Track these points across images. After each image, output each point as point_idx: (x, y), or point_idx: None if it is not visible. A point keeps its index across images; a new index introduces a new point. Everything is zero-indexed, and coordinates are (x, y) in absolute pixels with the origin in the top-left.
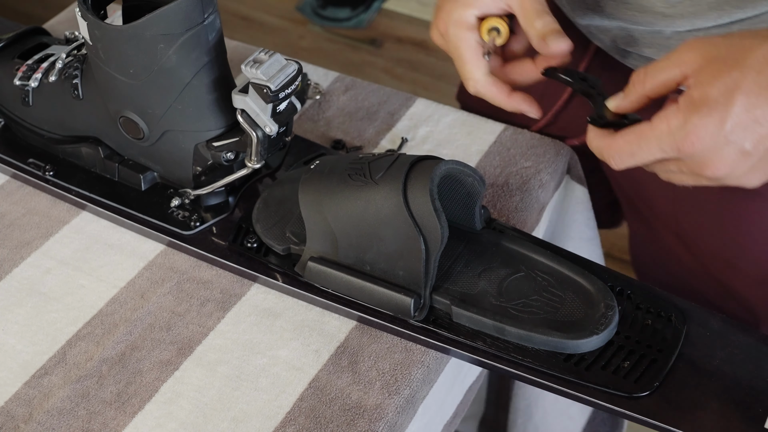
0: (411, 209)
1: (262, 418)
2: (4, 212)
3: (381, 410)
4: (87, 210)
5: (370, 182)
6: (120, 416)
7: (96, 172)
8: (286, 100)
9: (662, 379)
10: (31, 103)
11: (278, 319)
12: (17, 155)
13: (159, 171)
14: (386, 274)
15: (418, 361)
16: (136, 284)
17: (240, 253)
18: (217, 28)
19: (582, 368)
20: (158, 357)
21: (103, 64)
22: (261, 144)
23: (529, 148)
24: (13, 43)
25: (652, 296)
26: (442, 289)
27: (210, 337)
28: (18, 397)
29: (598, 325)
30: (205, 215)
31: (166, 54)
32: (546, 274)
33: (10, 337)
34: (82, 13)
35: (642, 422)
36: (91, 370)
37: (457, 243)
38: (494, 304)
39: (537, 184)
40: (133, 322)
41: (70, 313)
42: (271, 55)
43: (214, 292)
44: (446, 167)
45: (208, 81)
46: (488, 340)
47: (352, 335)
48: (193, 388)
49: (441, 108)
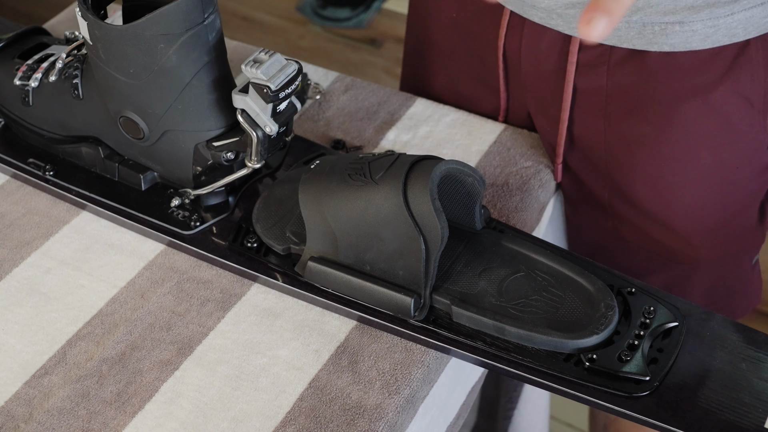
0: (411, 209)
1: (262, 417)
2: (4, 212)
3: (381, 410)
4: (87, 210)
5: (370, 182)
6: (120, 416)
7: (96, 172)
8: (286, 100)
9: (662, 379)
10: (31, 103)
11: (278, 319)
12: (17, 155)
13: (159, 171)
14: (386, 274)
15: (418, 361)
16: (136, 284)
17: (240, 253)
18: (217, 28)
19: (582, 368)
20: (158, 357)
21: (103, 64)
22: (261, 144)
23: (529, 148)
24: (13, 43)
25: (652, 296)
26: (442, 288)
27: (210, 336)
28: (18, 397)
29: (598, 325)
30: (205, 215)
31: (166, 54)
32: (546, 274)
33: (10, 337)
34: (82, 13)
35: (642, 422)
36: (91, 370)
37: (457, 243)
38: (494, 303)
39: (537, 184)
40: (133, 322)
41: (70, 313)
42: (271, 55)
43: (214, 291)
44: (446, 167)
45: (208, 81)
46: (488, 340)
47: (352, 335)
48: (193, 388)
49: (441, 108)
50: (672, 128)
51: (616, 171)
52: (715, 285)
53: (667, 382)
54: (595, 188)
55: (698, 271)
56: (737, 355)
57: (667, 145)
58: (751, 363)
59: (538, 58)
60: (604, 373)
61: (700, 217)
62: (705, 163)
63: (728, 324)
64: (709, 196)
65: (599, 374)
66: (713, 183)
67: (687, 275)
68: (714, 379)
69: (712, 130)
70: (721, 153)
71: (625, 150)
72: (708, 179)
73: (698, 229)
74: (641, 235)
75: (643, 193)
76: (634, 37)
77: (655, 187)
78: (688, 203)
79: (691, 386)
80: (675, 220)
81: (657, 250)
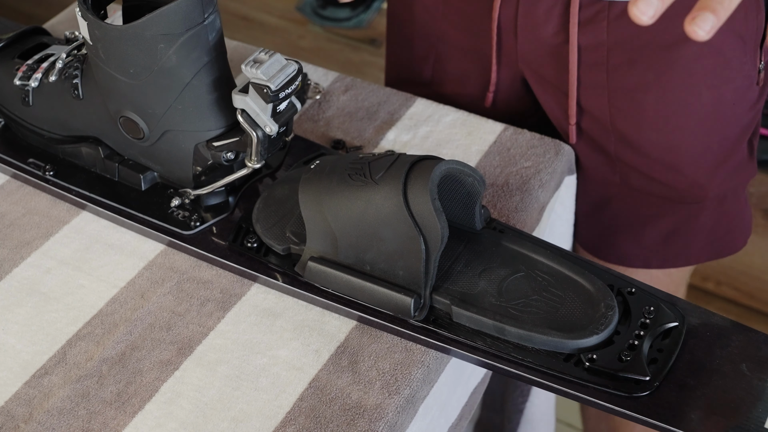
0: (411, 209)
1: (262, 418)
2: (4, 212)
3: (381, 410)
4: (87, 210)
5: (370, 182)
6: (120, 416)
7: (96, 172)
8: (286, 100)
9: (662, 379)
10: (31, 103)
11: (278, 319)
12: (17, 155)
13: (159, 171)
14: (386, 274)
15: (419, 361)
16: (136, 284)
17: (240, 253)
18: (218, 28)
19: (582, 368)
20: (158, 357)
21: (103, 64)
22: (261, 144)
23: (529, 148)
24: (13, 43)
25: (652, 296)
26: (442, 289)
27: (210, 337)
28: (18, 397)
29: (598, 325)
30: (205, 215)
31: (166, 54)
32: (546, 274)
33: (10, 337)
34: (82, 13)
35: (642, 422)
36: (91, 370)
37: (457, 243)
38: (494, 303)
39: (537, 184)
40: (133, 322)
41: (70, 313)
42: (271, 55)
43: (214, 291)
44: (446, 167)
45: (208, 81)
46: (488, 340)
47: (352, 335)
48: (193, 388)
49: (441, 108)
50: (673, 71)
51: (620, 121)
52: (719, 222)
53: (667, 382)
54: (600, 142)
55: (704, 211)
56: (737, 355)
57: (670, 89)
58: (751, 363)
59: (535, 23)
60: (604, 373)
61: (704, 156)
62: (706, 101)
63: (728, 324)
64: (710, 133)
65: (599, 374)
66: (714, 120)
67: (694, 215)
68: (714, 379)
69: (711, 68)
70: (720, 90)
71: (629, 100)
72: (709, 117)
73: (703, 168)
74: (648, 182)
75: (649, 139)
76: None
77: (661, 131)
78: (692, 143)
79: (691, 386)
80: (681, 161)
81: (665, 194)
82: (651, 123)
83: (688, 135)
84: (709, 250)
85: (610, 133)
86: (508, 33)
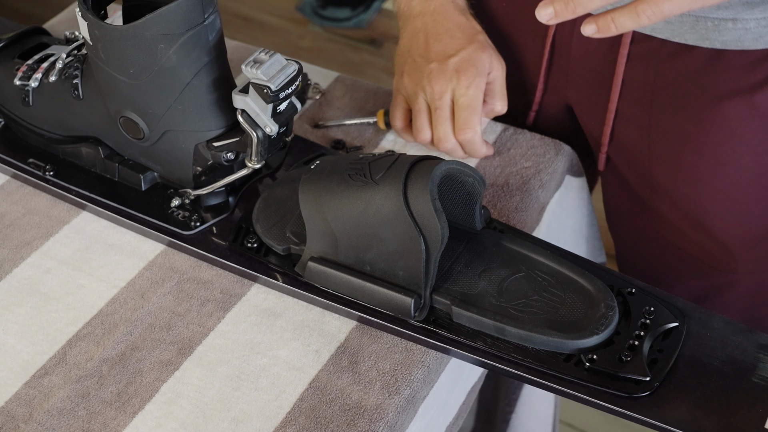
0: (411, 209)
1: (262, 418)
2: (4, 212)
3: (381, 410)
4: (87, 210)
5: (370, 182)
6: (120, 416)
7: (96, 172)
8: (286, 100)
9: (662, 379)
10: (31, 103)
11: (278, 319)
12: (17, 155)
13: (159, 171)
14: (386, 274)
15: (419, 361)
16: (136, 284)
17: (240, 253)
18: (218, 28)
19: (582, 369)
20: (158, 357)
21: (103, 64)
22: (261, 144)
23: (529, 148)
24: (13, 43)
25: (652, 296)
26: (443, 289)
27: (210, 337)
28: (18, 397)
29: (598, 325)
30: (205, 215)
31: (166, 54)
32: (546, 274)
33: (10, 337)
34: (82, 13)
35: (642, 422)
36: (92, 370)
37: (457, 243)
38: (494, 304)
39: (537, 184)
40: (133, 322)
41: (70, 313)
42: (272, 55)
43: (215, 292)
44: (446, 167)
45: (208, 81)
46: (488, 340)
47: (353, 335)
48: (193, 388)
49: None
50: (715, 128)
51: (657, 167)
52: (756, 300)
53: (667, 382)
54: (635, 183)
55: (738, 284)
56: (737, 355)
57: (709, 145)
58: (751, 363)
59: (589, 47)
60: (605, 373)
61: (741, 225)
62: (746, 166)
63: (728, 324)
64: (750, 203)
65: (599, 375)
66: (755, 190)
67: (726, 285)
68: (714, 379)
69: (755, 133)
70: (764, 158)
71: (668, 146)
72: (748, 184)
73: (738, 237)
74: (679, 236)
75: (684, 192)
76: (687, 31)
77: (696, 187)
78: (728, 208)
79: (691, 386)
80: (714, 224)
81: (695, 253)
82: (687, 176)
83: (724, 198)
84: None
85: (647, 176)
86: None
